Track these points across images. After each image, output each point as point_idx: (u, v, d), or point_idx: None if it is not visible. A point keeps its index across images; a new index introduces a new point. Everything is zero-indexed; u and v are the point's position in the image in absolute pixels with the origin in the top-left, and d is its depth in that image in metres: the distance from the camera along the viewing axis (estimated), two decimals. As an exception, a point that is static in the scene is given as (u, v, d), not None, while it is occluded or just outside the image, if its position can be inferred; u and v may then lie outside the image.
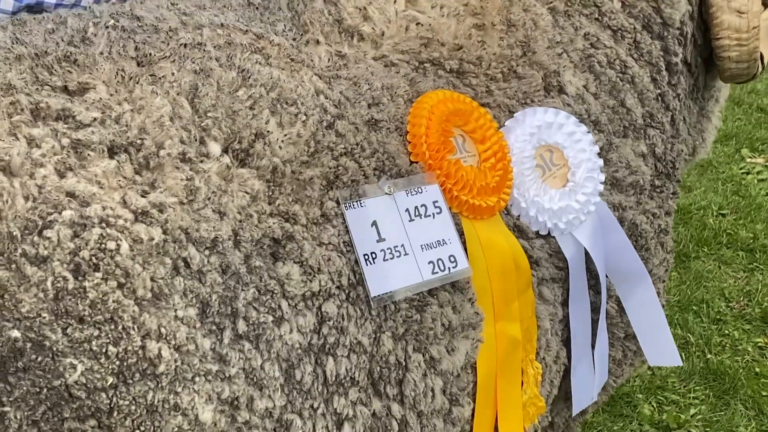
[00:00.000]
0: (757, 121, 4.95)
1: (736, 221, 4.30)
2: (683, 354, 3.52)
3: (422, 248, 1.60)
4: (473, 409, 1.68)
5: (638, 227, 2.00)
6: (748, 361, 3.52)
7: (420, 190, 1.63)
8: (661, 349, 2.07)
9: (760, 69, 2.12)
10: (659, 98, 2.02)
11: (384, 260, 1.55)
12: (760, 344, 3.62)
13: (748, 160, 4.68)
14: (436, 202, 1.65)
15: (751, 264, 4.02)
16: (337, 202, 1.52)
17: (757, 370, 3.48)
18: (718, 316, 3.69)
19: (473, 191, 1.69)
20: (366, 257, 1.52)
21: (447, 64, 1.76)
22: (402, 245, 1.58)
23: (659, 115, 2.01)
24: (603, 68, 1.92)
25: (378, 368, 1.51)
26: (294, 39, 1.68)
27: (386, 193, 1.58)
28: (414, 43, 1.76)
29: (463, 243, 1.66)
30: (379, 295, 1.52)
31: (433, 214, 1.64)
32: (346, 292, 1.49)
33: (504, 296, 1.71)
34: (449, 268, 1.62)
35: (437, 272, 1.61)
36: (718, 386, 3.38)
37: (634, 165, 1.97)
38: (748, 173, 4.59)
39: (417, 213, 1.62)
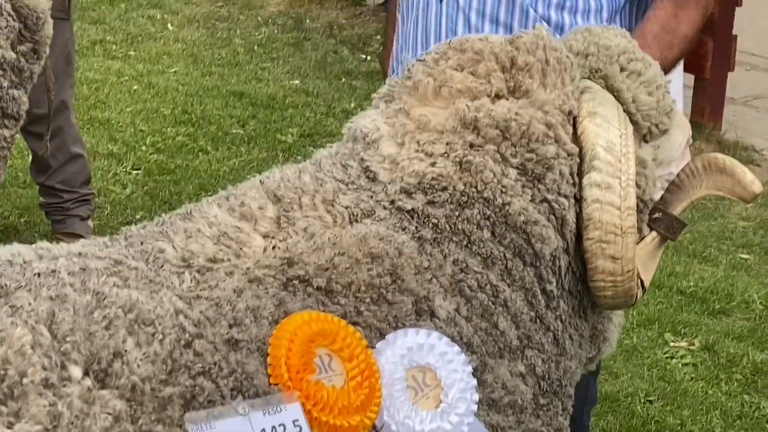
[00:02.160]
0: (678, 304, 5.03)
1: (663, 407, 4.32)
2: None
3: (278, 467, 1.62)
4: None
5: None
6: None
7: (279, 410, 1.65)
8: None
9: (639, 296, 2.15)
10: (537, 320, 2.04)
11: (234, 480, 1.57)
12: None
13: (672, 344, 4.73)
14: (296, 421, 1.67)
15: (680, 452, 4.04)
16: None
17: None
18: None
19: (334, 411, 1.71)
20: None
21: (314, 282, 1.82)
22: (256, 465, 1.60)
23: (538, 336, 2.04)
24: (474, 292, 1.95)
25: None
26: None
27: (240, 414, 1.60)
28: (276, 261, 1.83)
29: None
30: None
31: (292, 433, 1.66)
32: None
33: None
34: (308, 486, 1.64)
35: (294, 491, 1.62)
36: None
37: (510, 385, 1.99)
38: (672, 357, 4.64)
39: (274, 432, 1.63)
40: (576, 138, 2.03)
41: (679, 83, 6.80)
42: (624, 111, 2.10)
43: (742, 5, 7.07)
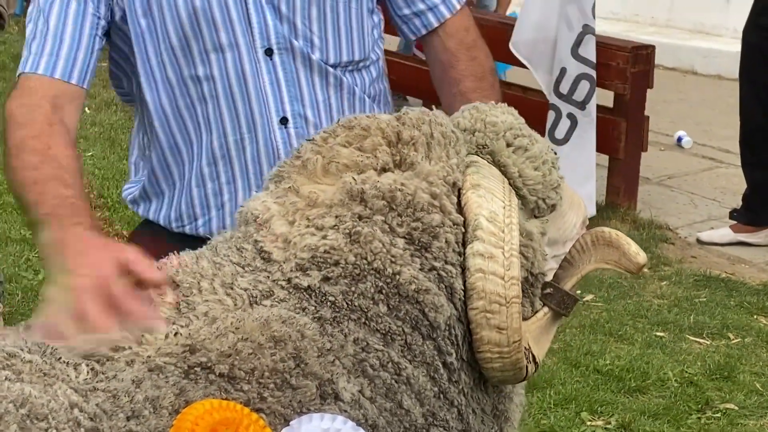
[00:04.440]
0: (595, 382, 5.02)
1: (578, 490, 4.32)
2: None
3: None
4: None
5: None
6: None
7: (178, 503, 1.62)
8: None
9: (531, 371, 2.15)
10: (440, 395, 2.03)
11: None
12: None
13: (589, 423, 4.72)
14: None
15: None
16: None
17: None
18: None
19: (234, 501, 1.68)
20: None
21: (217, 368, 1.79)
22: None
23: (442, 413, 2.03)
24: (376, 371, 1.94)
25: None
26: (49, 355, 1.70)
27: None
28: (178, 348, 1.80)
29: None
30: None
31: None
32: None
33: None
34: None
35: None
36: None
37: None
38: (589, 437, 4.65)
39: None
40: (461, 209, 2.06)
41: (591, 163, 6.95)
42: (511, 185, 2.14)
43: (654, 87, 7.25)
